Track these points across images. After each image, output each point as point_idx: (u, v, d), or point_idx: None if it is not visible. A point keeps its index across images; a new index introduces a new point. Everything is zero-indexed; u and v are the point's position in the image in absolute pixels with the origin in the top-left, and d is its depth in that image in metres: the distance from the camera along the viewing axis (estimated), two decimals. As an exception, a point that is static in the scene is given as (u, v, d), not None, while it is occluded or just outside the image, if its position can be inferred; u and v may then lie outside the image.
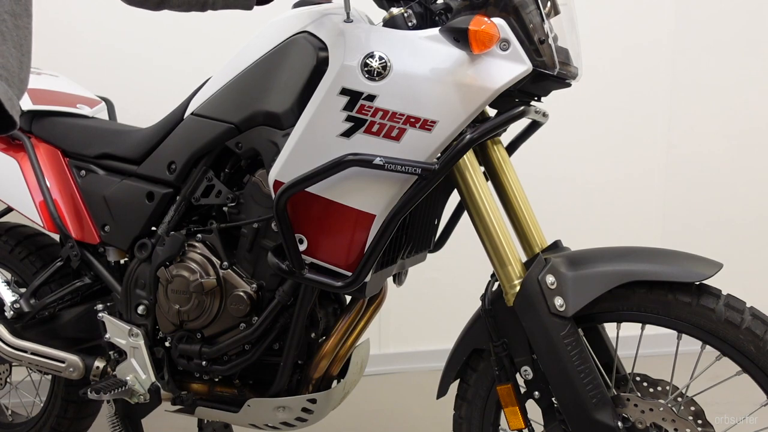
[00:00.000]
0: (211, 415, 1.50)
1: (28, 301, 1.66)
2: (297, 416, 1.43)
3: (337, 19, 1.26)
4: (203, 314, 1.41)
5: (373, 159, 1.15)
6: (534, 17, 1.14)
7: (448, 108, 1.14)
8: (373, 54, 1.15)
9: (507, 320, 1.24)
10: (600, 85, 2.87)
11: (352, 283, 1.25)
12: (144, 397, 1.49)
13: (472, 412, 1.36)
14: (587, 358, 1.18)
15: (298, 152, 1.22)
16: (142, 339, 1.49)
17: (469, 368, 1.35)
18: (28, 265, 1.77)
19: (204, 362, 1.44)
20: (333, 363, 1.46)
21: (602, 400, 1.17)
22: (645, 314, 1.19)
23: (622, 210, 3.02)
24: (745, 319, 1.14)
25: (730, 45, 2.99)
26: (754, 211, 3.05)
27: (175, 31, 2.56)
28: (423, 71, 1.14)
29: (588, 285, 1.18)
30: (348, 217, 1.23)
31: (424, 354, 2.89)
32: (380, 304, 1.53)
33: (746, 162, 3.04)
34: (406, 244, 1.41)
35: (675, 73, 2.99)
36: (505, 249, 1.23)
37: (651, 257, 1.21)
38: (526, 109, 1.20)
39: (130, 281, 1.51)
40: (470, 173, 1.25)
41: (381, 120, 1.16)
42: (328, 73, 1.20)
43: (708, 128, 3.02)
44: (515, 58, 1.12)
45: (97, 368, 1.58)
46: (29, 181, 1.63)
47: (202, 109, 1.42)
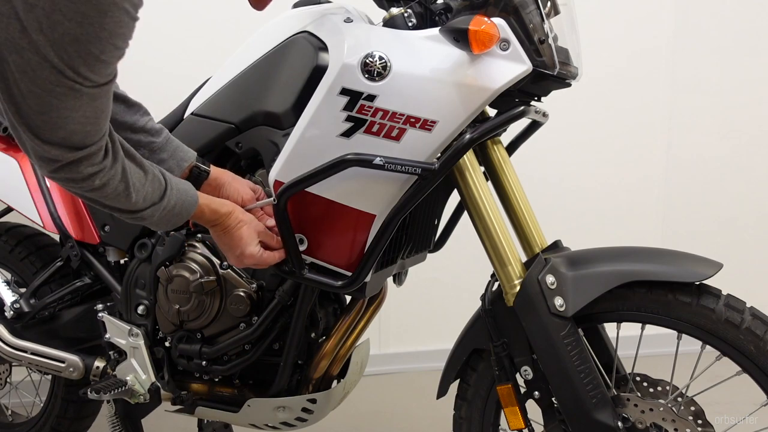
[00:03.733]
0: (211, 415, 1.50)
1: (28, 301, 1.66)
2: (297, 416, 1.43)
3: (337, 19, 1.26)
4: (203, 314, 1.41)
5: (373, 159, 1.15)
6: (534, 17, 1.14)
7: (448, 108, 1.14)
8: (373, 54, 1.15)
9: (507, 320, 1.24)
10: (600, 86, 2.87)
11: (352, 283, 1.25)
12: (144, 397, 1.49)
13: (472, 412, 1.36)
14: (587, 358, 1.18)
15: (298, 152, 1.22)
16: (142, 339, 1.49)
17: (469, 368, 1.35)
18: (28, 265, 1.77)
19: (204, 362, 1.44)
20: (333, 363, 1.46)
21: (602, 400, 1.17)
22: (645, 314, 1.19)
23: (622, 210, 3.02)
24: (745, 319, 1.14)
25: (730, 47, 2.99)
26: (754, 212, 3.05)
27: (175, 31, 2.56)
28: (423, 71, 1.14)
29: (588, 285, 1.18)
30: (348, 217, 1.23)
31: (424, 354, 2.89)
32: (380, 304, 1.53)
33: (746, 162, 3.04)
34: (406, 244, 1.41)
35: (675, 74, 2.99)
36: (505, 249, 1.23)
37: (651, 257, 1.21)
38: (526, 109, 1.20)
39: (130, 281, 1.51)
40: (470, 173, 1.25)
41: (381, 120, 1.16)
42: (328, 73, 1.20)
43: (708, 129, 3.02)
44: (515, 58, 1.12)
45: (97, 368, 1.58)
46: (29, 181, 1.63)
47: (202, 109, 1.42)
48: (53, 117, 0.90)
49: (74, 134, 0.93)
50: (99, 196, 1.03)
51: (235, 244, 1.23)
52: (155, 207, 1.11)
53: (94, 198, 1.04)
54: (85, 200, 1.07)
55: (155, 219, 1.13)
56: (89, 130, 0.94)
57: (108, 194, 1.03)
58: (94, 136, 0.96)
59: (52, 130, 0.91)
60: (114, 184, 1.03)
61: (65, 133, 0.92)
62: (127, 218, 1.12)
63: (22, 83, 0.87)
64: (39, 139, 0.92)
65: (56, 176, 0.98)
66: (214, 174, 1.32)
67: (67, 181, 0.99)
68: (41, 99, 0.88)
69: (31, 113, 0.89)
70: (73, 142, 0.94)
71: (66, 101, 0.89)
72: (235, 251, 1.23)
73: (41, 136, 0.91)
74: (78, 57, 0.86)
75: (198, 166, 1.31)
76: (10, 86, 0.88)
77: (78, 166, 0.97)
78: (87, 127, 0.94)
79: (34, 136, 0.91)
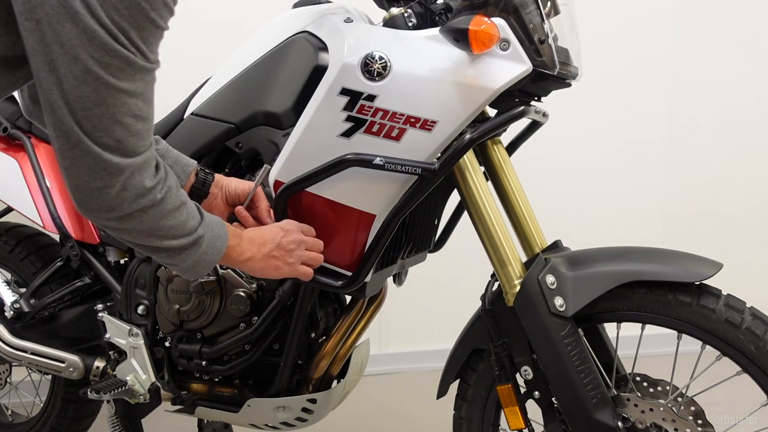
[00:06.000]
0: (211, 415, 1.50)
1: (28, 301, 1.66)
2: (297, 416, 1.43)
3: (337, 19, 1.26)
4: (203, 314, 1.41)
5: (373, 159, 1.15)
6: (534, 17, 1.14)
7: (448, 108, 1.14)
8: (373, 54, 1.15)
9: (507, 320, 1.24)
10: (600, 86, 2.86)
11: (352, 282, 1.25)
12: (144, 397, 1.49)
13: (472, 412, 1.36)
14: (587, 358, 1.18)
15: (298, 152, 1.22)
16: (142, 339, 1.48)
17: (469, 368, 1.35)
18: (28, 265, 1.77)
19: (204, 362, 1.44)
20: (333, 363, 1.46)
21: (602, 400, 1.17)
22: (645, 314, 1.19)
23: (622, 210, 3.02)
24: (745, 319, 1.14)
25: (730, 47, 2.99)
26: (754, 212, 3.05)
27: (175, 31, 2.56)
28: (423, 71, 1.14)
29: (588, 285, 1.18)
30: (348, 217, 1.23)
31: (424, 354, 2.88)
32: (380, 304, 1.53)
33: (746, 162, 3.04)
34: (406, 244, 1.41)
35: (675, 74, 2.99)
36: (505, 249, 1.23)
37: (651, 257, 1.22)
38: (526, 109, 1.20)
39: (130, 281, 1.50)
40: (470, 173, 1.25)
41: (381, 120, 1.16)
42: (328, 73, 1.20)
43: (708, 128, 3.02)
44: (515, 58, 1.12)
45: (97, 368, 1.58)
46: (29, 181, 1.63)
47: (202, 109, 1.42)
48: (110, 108, 0.86)
49: (129, 133, 0.89)
50: (159, 213, 0.98)
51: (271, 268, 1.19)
52: (203, 224, 1.06)
53: (154, 222, 0.98)
54: (142, 237, 1.00)
55: (205, 243, 1.06)
56: (141, 130, 0.91)
57: (166, 211, 0.98)
58: (146, 140, 0.93)
59: (108, 127, 0.87)
60: (172, 197, 0.99)
61: (121, 130, 0.88)
62: (175, 253, 1.04)
63: (75, 67, 0.83)
64: (96, 145, 0.87)
65: (125, 196, 0.92)
66: (216, 176, 1.32)
67: (136, 198, 0.93)
68: (97, 82, 0.84)
69: (86, 108, 0.85)
70: (128, 144, 0.90)
71: (121, 80, 0.85)
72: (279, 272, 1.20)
73: (98, 139, 0.87)
74: (129, 16, 0.83)
75: (203, 170, 1.30)
76: (61, 78, 0.84)
77: (141, 174, 0.93)
78: (139, 125, 0.90)
79: (91, 141, 0.87)
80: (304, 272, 1.22)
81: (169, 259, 1.06)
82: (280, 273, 1.20)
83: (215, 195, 1.30)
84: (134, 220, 0.96)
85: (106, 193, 0.91)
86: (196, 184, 1.29)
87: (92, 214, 0.94)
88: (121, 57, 0.85)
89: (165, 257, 1.05)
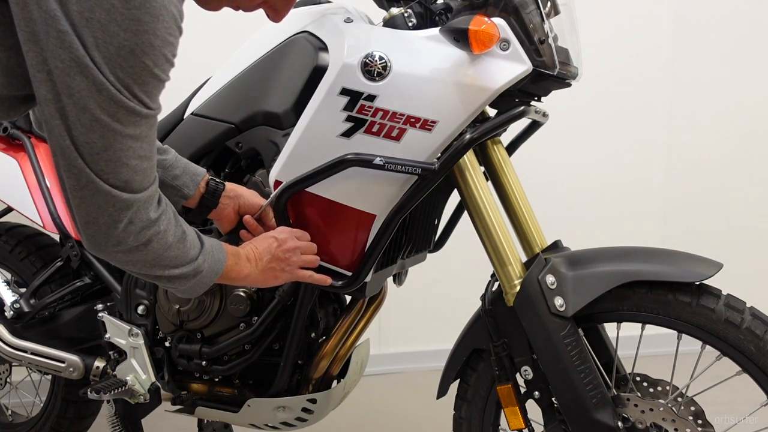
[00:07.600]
0: (211, 415, 1.50)
1: (28, 301, 1.66)
2: (297, 416, 1.43)
3: (337, 19, 1.26)
4: (203, 314, 1.41)
5: (373, 159, 1.15)
6: (534, 17, 1.14)
7: (448, 108, 1.14)
8: (373, 54, 1.15)
9: (507, 320, 1.24)
10: (600, 86, 2.86)
11: (352, 283, 1.25)
12: (144, 397, 1.49)
13: (472, 412, 1.36)
14: (587, 358, 1.18)
15: (298, 152, 1.22)
16: (142, 339, 1.48)
17: (469, 368, 1.35)
18: (28, 265, 1.77)
19: (204, 362, 1.44)
20: (333, 363, 1.46)
21: (602, 400, 1.17)
22: (645, 314, 1.19)
23: (622, 210, 3.02)
24: (745, 319, 1.14)
25: (730, 47, 2.99)
26: (754, 212, 3.05)
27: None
28: (423, 71, 1.14)
29: (588, 285, 1.18)
30: (348, 217, 1.23)
31: (424, 354, 2.88)
32: (380, 304, 1.53)
33: (746, 162, 3.04)
34: (406, 244, 1.41)
35: (675, 74, 2.99)
36: (505, 249, 1.23)
37: (651, 257, 1.22)
38: (526, 109, 1.20)
39: (130, 281, 1.50)
40: (470, 173, 1.25)
41: (381, 120, 1.16)
42: (328, 73, 1.20)
43: (708, 129, 3.02)
44: (515, 58, 1.12)
45: (97, 368, 1.58)
46: (29, 181, 1.63)
47: (202, 109, 1.42)
48: (116, 152, 0.92)
49: (135, 173, 0.95)
50: (163, 245, 1.02)
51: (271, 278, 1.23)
52: (203, 252, 1.10)
53: (159, 254, 1.03)
54: (147, 268, 1.04)
55: (205, 268, 1.10)
56: (146, 168, 0.97)
57: (169, 242, 1.03)
58: (150, 176, 0.99)
59: (116, 170, 0.93)
60: (172, 228, 1.04)
61: (128, 171, 0.94)
62: (176, 280, 1.09)
63: (84, 116, 0.88)
64: (107, 184, 0.93)
65: (131, 229, 0.97)
66: (229, 186, 1.33)
67: (141, 230, 0.98)
68: (104, 129, 0.90)
69: (94, 153, 0.91)
70: (135, 183, 0.95)
71: (127, 126, 0.91)
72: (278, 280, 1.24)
73: (107, 180, 0.93)
74: (133, 73, 0.88)
75: (214, 179, 1.32)
76: (70, 125, 0.89)
77: (147, 208, 0.98)
78: (144, 164, 0.96)
79: (102, 181, 0.93)
80: (301, 276, 1.25)
81: (169, 284, 1.11)
82: (278, 281, 1.24)
83: (226, 205, 1.32)
84: (140, 252, 1.01)
85: (114, 227, 0.96)
86: (206, 194, 1.30)
87: (101, 249, 0.99)
88: (126, 108, 0.90)
89: (166, 282, 1.10)
